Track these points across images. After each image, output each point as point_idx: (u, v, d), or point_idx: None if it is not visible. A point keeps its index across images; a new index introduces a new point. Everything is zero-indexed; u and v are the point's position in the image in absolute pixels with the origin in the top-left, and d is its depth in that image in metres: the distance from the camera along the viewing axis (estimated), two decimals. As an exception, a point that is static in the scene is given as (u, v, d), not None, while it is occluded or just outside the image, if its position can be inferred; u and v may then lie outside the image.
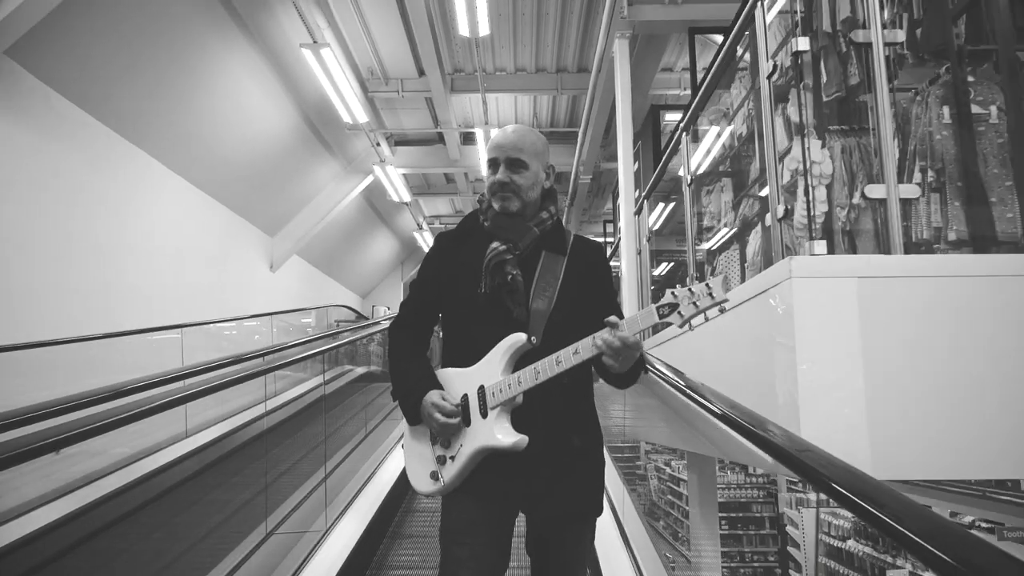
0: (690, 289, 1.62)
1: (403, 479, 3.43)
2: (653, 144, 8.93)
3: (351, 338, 7.66)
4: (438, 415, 1.74)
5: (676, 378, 2.52)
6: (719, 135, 6.15)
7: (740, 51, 4.52)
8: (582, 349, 1.66)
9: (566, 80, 10.47)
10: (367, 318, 14.47)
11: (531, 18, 8.99)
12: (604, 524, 3.85)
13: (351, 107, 9.25)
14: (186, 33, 7.05)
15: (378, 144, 11.72)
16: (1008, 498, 6.37)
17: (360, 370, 9.30)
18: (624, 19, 7.12)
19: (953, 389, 2.33)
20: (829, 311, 2.34)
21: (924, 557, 1.05)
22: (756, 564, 11.70)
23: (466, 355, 1.82)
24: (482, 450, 1.73)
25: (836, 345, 2.32)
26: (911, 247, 3.60)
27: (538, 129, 12.25)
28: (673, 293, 1.64)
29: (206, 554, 3.60)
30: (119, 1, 5.94)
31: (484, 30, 7.43)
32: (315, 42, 7.68)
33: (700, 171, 7.21)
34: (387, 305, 19.68)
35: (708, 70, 4.15)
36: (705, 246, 6.85)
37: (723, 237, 5.68)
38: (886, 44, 2.82)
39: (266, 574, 3.48)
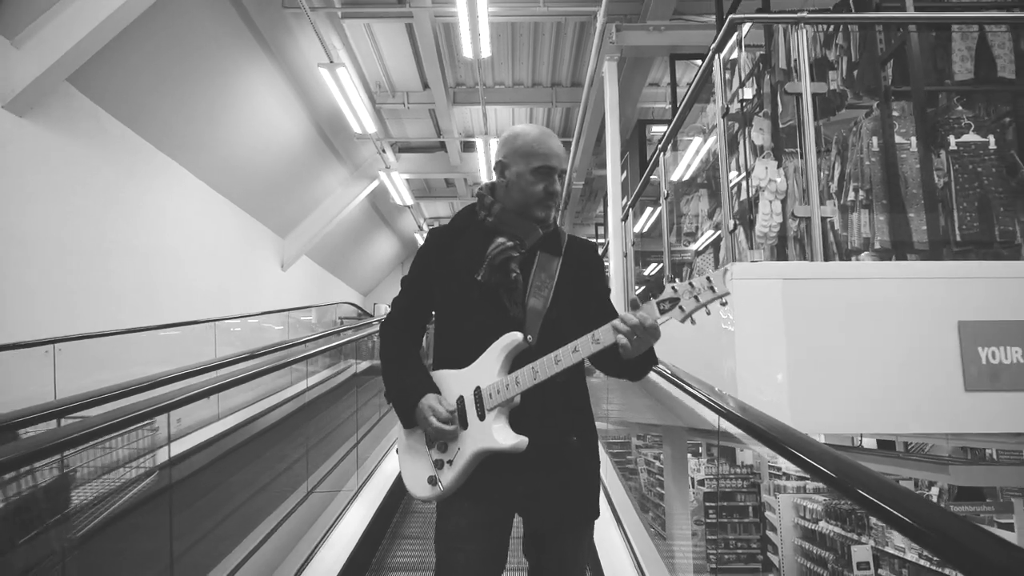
0: (691, 283, 1.62)
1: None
2: (640, 154, 9.62)
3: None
4: (434, 420, 1.69)
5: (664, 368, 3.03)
6: (697, 151, 6.84)
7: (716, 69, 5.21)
8: (581, 346, 1.64)
9: (560, 94, 11.16)
10: (371, 315, 15.10)
11: (528, 39, 9.68)
12: (604, 523, 4.17)
13: (361, 119, 9.90)
14: (217, 55, 7.73)
15: (383, 151, 12.38)
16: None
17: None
18: (612, 44, 7.79)
19: (855, 364, 3.02)
20: (761, 304, 3.03)
21: (800, 463, 1.56)
22: (740, 551, 12.35)
23: (460, 353, 1.78)
24: (481, 452, 1.68)
25: (766, 330, 3.00)
26: (848, 253, 4.32)
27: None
28: (673, 287, 1.63)
29: (256, 508, 4.24)
30: (162, 29, 6.58)
31: (486, 53, 8.10)
32: (331, 62, 8.34)
33: (681, 181, 7.92)
34: (388, 303, 20.33)
35: (676, 114, 4.83)
36: (692, 247, 7.53)
37: (703, 242, 6.33)
38: (813, 94, 3.48)
39: (306, 527, 4.12)
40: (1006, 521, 7.59)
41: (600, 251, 11.35)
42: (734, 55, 4.71)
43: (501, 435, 1.66)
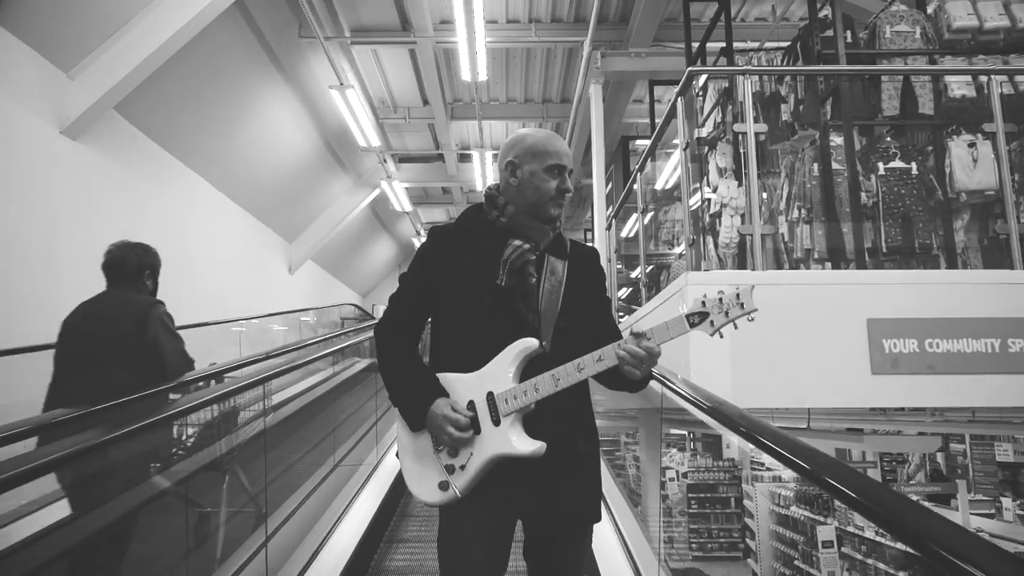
0: (720, 299, 1.64)
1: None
2: (624, 167, 10.36)
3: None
4: (452, 429, 1.66)
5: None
6: (675, 167, 7.57)
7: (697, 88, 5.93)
8: (606, 356, 1.64)
9: (551, 109, 11.89)
10: (371, 315, 15.79)
11: (521, 62, 10.42)
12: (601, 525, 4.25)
13: (366, 133, 10.59)
14: (240, 80, 8.43)
15: (385, 162, 13.08)
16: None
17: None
18: (598, 69, 8.53)
19: (786, 353, 3.75)
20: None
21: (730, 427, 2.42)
22: (723, 540, 13.07)
23: (468, 357, 1.73)
24: (497, 458, 1.66)
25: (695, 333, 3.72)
26: (795, 262, 5.05)
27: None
28: (703, 302, 1.65)
29: (293, 478, 4.93)
30: (195, 61, 7.26)
31: (483, 76, 8.82)
32: (341, 84, 9.04)
33: (664, 190, 8.68)
34: (385, 304, 21.01)
35: (651, 141, 5.57)
36: (674, 251, 8.24)
37: (683, 248, 7.05)
38: (756, 132, 4.22)
39: (333, 496, 4.81)
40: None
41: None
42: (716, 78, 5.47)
43: (519, 441, 1.64)
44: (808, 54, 5.26)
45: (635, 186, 6.07)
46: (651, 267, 11.43)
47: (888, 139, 5.09)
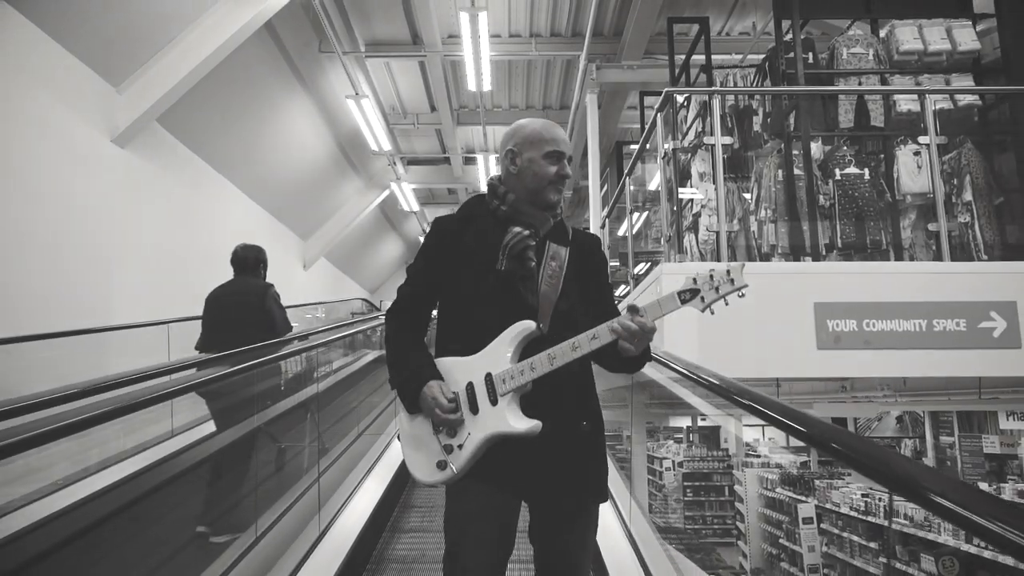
0: (711, 275, 1.66)
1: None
2: (618, 170, 11.01)
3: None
4: (437, 410, 1.69)
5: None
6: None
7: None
8: (600, 335, 1.66)
9: (550, 115, 12.54)
10: (379, 309, 16.46)
11: (523, 72, 11.10)
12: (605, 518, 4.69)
13: (378, 138, 11.27)
14: (265, 92, 9.11)
15: (394, 164, 13.76)
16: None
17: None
18: (593, 80, 9.19)
19: (745, 331, 4.41)
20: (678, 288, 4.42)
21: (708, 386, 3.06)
22: (716, 526, 13.69)
23: (469, 341, 1.76)
24: (494, 437, 1.68)
25: (684, 309, 4.37)
26: (763, 256, 5.71)
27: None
28: (694, 279, 1.67)
29: (328, 442, 5.58)
30: (227, 76, 7.92)
31: (487, 86, 9.49)
32: (356, 94, 9.72)
33: (656, 191, 9.29)
34: (391, 299, 21.72)
35: (636, 151, 6.23)
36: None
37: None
38: (724, 145, 4.88)
39: (358, 460, 5.46)
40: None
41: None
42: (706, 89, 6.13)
43: (515, 420, 1.66)
44: (775, 73, 5.93)
45: (625, 190, 6.73)
46: (648, 264, 12.11)
47: (844, 148, 5.75)
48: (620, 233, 9.52)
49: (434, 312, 1.92)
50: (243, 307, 4.31)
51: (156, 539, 2.77)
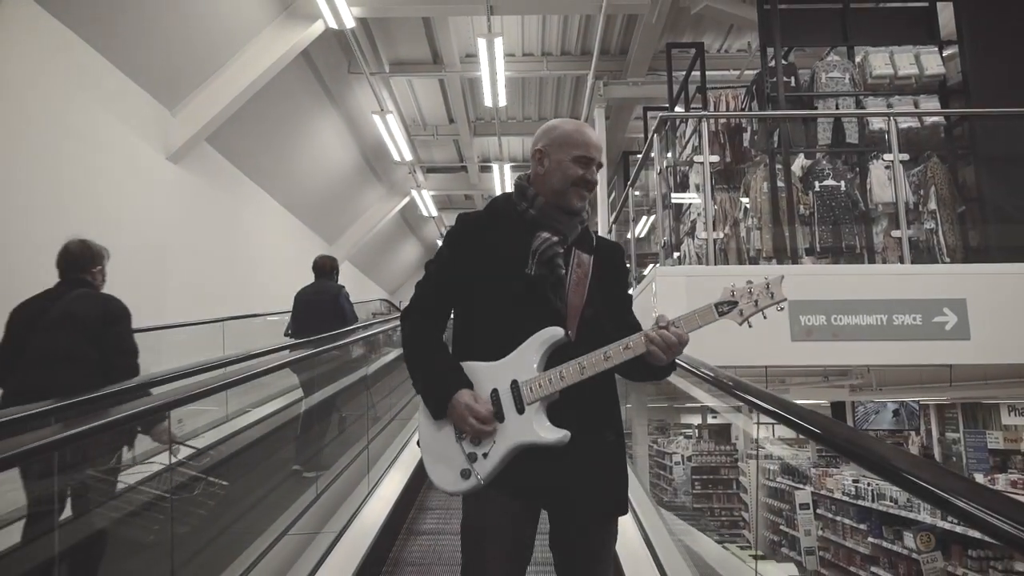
0: (749, 289, 1.63)
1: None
2: (624, 178, 11.68)
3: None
4: (473, 420, 1.63)
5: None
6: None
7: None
8: (635, 345, 1.62)
9: (561, 126, 13.20)
10: (399, 310, 17.19)
11: (535, 88, 11.78)
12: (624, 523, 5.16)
13: (400, 149, 11.99)
14: (299, 110, 9.87)
15: (414, 172, 14.48)
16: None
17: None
18: (600, 96, 9.86)
19: (728, 325, 5.03)
20: (672, 291, 5.05)
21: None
22: (723, 518, 14.23)
23: (493, 344, 1.71)
24: (520, 446, 1.63)
25: (675, 303, 4.99)
26: (751, 260, 6.32)
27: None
28: (732, 291, 1.64)
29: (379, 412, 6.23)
30: (267, 98, 8.66)
31: (502, 102, 10.17)
32: (381, 109, 10.44)
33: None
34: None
35: (636, 169, 6.86)
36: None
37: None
38: (711, 162, 5.52)
39: (392, 440, 6.12)
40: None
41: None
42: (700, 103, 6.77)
43: (543, 429, 1.62)
44: (760, 95, 6.56)
45: (629, 199, 7.38)
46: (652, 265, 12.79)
47: (824, 162, 6.36)
48: (628, 236, 10.18)
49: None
50: (322, 303, 5.67)
51: (272, 467, 3.63)
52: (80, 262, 3.31)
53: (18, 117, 5.63)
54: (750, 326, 1.64)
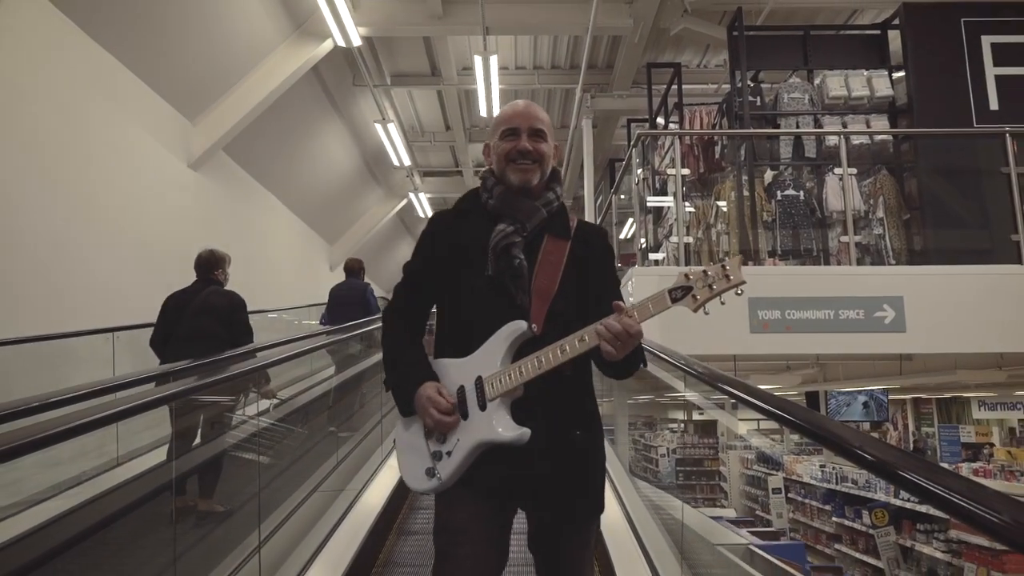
0: (705, 271, 1.53)
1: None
2: (611, 181, 12.32)
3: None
4: (433, 411, 1.58)
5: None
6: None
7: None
8: (588, 336, 1.54)
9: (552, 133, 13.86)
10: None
11: (527, 98, 12.38)
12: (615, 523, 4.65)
13: (400, 154, 12.62)
14: (307, 120, 10.48)
15: (412, 176, 15.10)
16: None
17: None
18: (588, 108, 10.51)
19: (695, 318, 5.68)
20: (646, 289, 5.69)
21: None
22: (703, 497, 14.88)
23: (462, 342, 1.66)
24: (481, 444, 1.57)
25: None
26: (720, 261, 6.98)
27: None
28: (687, 275, 1.54)
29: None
30: (278, 110, 9.25)
31: (496, 112, 10.79)
32: (383, 119, 11.07)
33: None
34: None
35: (616, 179, 7.51)
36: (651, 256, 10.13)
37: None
38: (682, 175, 6.17)
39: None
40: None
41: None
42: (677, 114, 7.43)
43: (503, 427, 1.57)
44: (730, 113, 7.23)
45: (612, 205, 8.04)
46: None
47: (785, 174, 7.03)
48: (620, 237, 10.84)
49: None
50: (352, 298, 6.82)
51: (316, 426, 4.37)
52: (209, 265, 4.58)
53: (52, 126, 6.15)
54: (706, 313, 1.56)
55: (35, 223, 5.82)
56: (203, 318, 4.17)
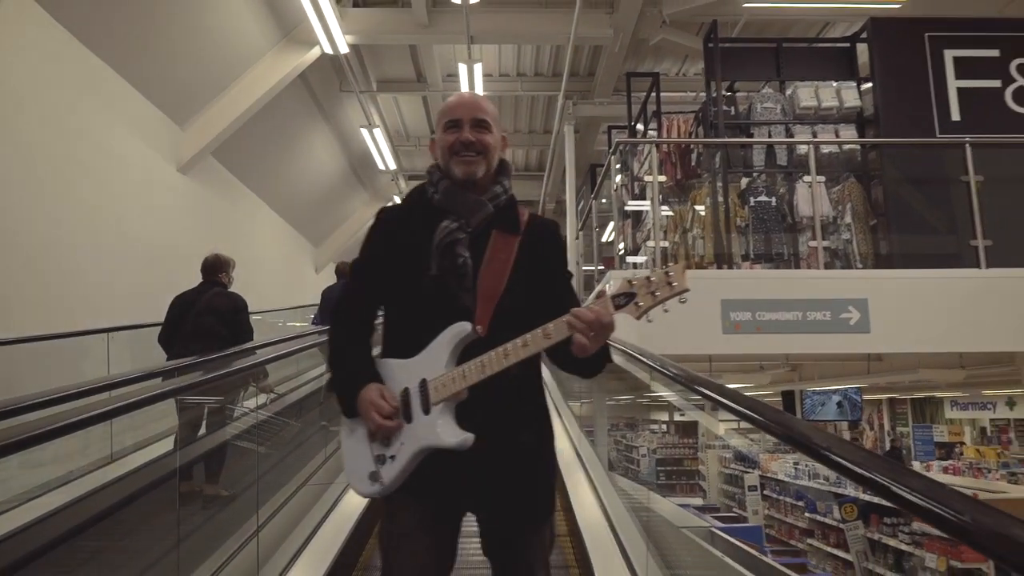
0: (648, 278, 1.50)
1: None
2: (592, 185, 12.55)
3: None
4: (375, 415, 1.52)
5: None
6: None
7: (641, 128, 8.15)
8: (532, 341, 1.49)
9: (535, 139, 14.10)
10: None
11: (511, 104, 12.66)
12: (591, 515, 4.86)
13: (385, 159, 12.79)
14: (295, 125, 10.64)
15: (397, 179, 15.27)
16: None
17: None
18: (570, 114, 10.74)
19: (670, 319, 5.90)
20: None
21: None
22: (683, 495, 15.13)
23: (408, 344, 1.59)
24: (424, 449, 1.53)
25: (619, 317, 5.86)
26: (696, 265, 7.21)
27: (515, 171, 15.92)
28: (630, 282, 1.51)
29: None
30: (266, 114, 9.40)
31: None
32: (369, 124, 11.24)
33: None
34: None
35: (596, 186, 7.74)
36: (630, 259, 10.38)
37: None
38: (659, 182, 6.40)
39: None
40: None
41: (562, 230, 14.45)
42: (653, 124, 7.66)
43: (445, 431, 1.51)
44: (705, 122, 7.48)
45: (593, 210, 8.27)
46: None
47: (758, 181, 7.28)
48: (602, 240, 11.09)
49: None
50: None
51: (309, 420, 4.54)
52: (214, 268, 4.86)
53: (45, 130, 6.28)
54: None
55: (26, 224, 5.94)
56: (207, 317, 4.45)
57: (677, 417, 21.02)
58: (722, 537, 2.94)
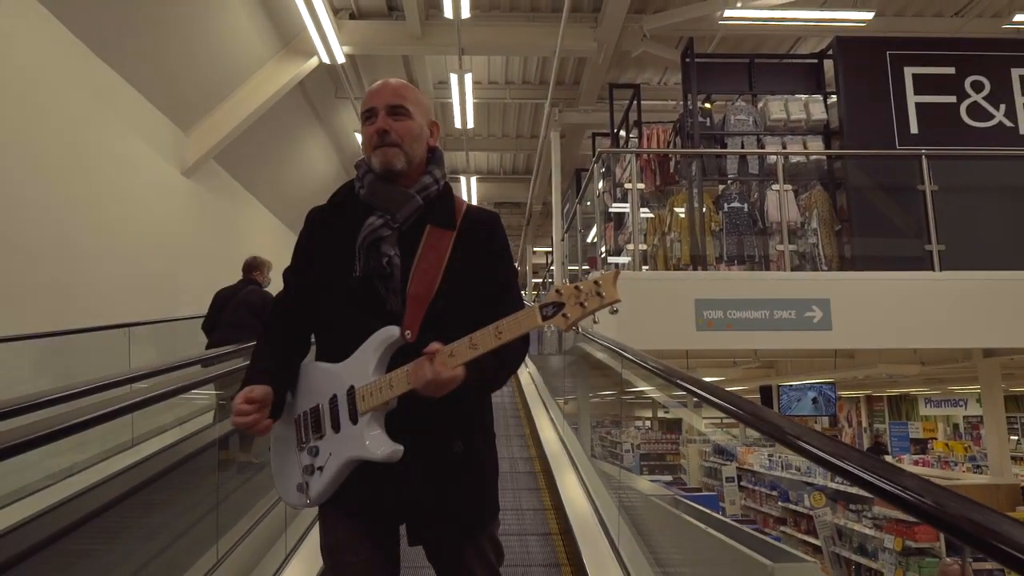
0: (577, 287, 1.37)
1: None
2: (577, 189, 12.98)
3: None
4: (233, 416, 1.44)
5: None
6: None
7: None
8: (396, 382, 1.41)
9: (522, 143, 14.50)
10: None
11: (499, 111, 13.06)
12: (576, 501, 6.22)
13: (378, 163, 13.14)
14: (292, 130, 10.98)
15: (389, 182, 15.61)
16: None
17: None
18: (556, 121, 11.16)
19: (647, 316, 6.34)
20: (605, 291, 6.32)
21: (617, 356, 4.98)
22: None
23: (336, 349, 1.51)
24: (352, 461, 1.44)
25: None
26: (673, 266, 7.65)
27: (503, 174, 16.37)
28: (558, 291, 1.37)
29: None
30: (266, 120, 9.75)
31: (471, 124, 11.41)
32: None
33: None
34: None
35: (579, 193, 8.16)
36: (611, 260, 10.81)
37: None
38: (638, 190, 6.82)
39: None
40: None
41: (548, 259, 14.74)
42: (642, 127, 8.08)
43: (374, 443, 1.42)
44: (683, 133, 7.92)
45: (578, 214, 8.69)
46: (610, 268, 14.20)
47: (731, 188, 7.73)
48: (587, 241, 11.51)
49: None
50: None
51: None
52: (250, 268, 5.66)
53: (53, 134, 6.53)
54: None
55: (34, 225, 6.20)
56: (241, 311, 5.17)
57: (661, 414, 21.59)
58: (685, 503, 3.38)
